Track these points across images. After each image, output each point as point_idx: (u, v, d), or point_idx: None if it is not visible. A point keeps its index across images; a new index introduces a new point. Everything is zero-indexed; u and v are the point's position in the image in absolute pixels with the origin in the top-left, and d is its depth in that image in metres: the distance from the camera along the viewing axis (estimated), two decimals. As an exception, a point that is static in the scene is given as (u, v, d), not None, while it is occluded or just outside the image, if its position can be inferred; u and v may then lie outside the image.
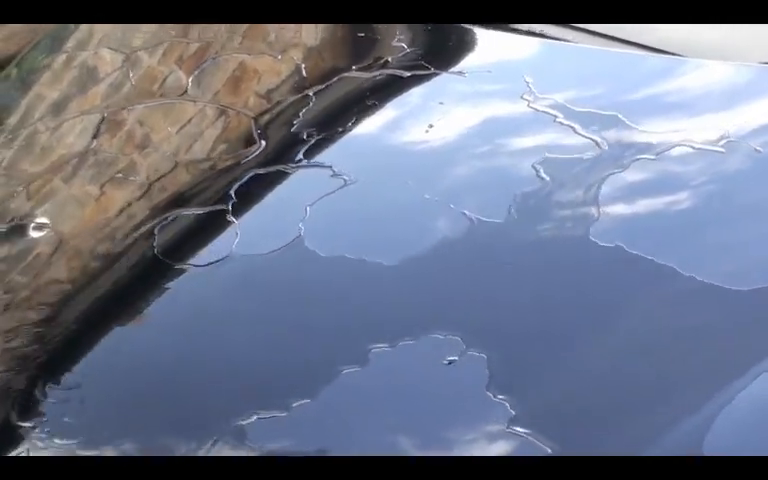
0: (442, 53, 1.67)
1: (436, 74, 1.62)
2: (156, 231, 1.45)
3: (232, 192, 1.48)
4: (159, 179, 1.59)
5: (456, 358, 1.17)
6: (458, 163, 1.48)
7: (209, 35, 1.83)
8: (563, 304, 1.24)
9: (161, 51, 1.83)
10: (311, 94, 1.62)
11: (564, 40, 1.65)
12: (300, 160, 1.51)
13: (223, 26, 1.82)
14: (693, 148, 1.39)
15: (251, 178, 1.50)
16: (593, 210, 1.32)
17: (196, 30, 1.85)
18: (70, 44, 1.89)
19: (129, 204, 1.56)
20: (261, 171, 1.51)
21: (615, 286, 1.25)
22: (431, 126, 1.52)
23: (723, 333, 1.17)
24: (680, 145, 1.40)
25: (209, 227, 1.47)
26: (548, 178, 1.37)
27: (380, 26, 1.74)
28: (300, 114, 1.60)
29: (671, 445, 1.05)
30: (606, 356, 1.16)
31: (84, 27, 1.89)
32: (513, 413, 1.10)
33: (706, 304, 1.19)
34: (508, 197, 1.38)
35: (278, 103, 1.66)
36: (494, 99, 1.57)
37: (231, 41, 1.82)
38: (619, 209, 1.35)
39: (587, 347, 1.18)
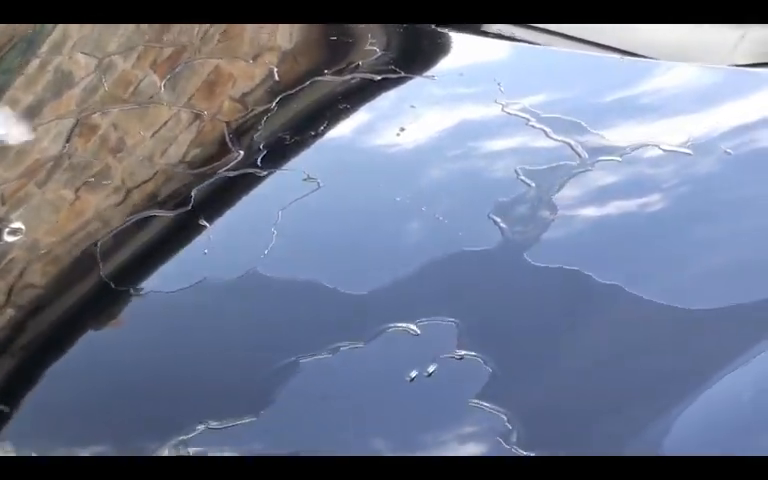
0: (414, 57, 1.68)
1: (408, 78, 1.62)
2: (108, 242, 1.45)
3: (204, 196, 1.48)
4: (134, 183, 1.59)
5: (416, 373, 1.17)
6: (430, 166, 1.48)
7: (183, 39, 1.84)
8: (523, 311, 1.25)
9: (135, 55, 1.83)
10: (281, 99, 1.62)
11: (535, 43, 1.66)
12: (272, 164, 1.51)
13: (197, 30, 1.82)
14: (663, 150, 1.40)
15: (224, 182, 1.51)
16: (563, 213, 1.33)
17: (170, 34, 1.85)
18: (44, 48, 1.89)
19: (104, 208, 1.56)
20: (232, 174, 1.52)
21: (579, 293, 1.26)
22: (402, 129, 1.52)
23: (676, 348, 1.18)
24: (647, 145, 1.41)
25: (182, 231, 1.47)
26: (532, 184, 1.37)
27: (353, 30, 1.74)
28: (272, 118, 1.60)
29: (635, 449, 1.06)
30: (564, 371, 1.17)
31: (58, 31, 1.89)
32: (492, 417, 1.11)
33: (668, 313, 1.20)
34: (480, 200, 1.39)
35: (251, 107, 1.66)
36: (465, 102, 1.57)
37: (206, 45, 1.82)
38: (590, 212, 1.35)
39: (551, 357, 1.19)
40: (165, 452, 1.14)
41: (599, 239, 1.32)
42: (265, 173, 1.50)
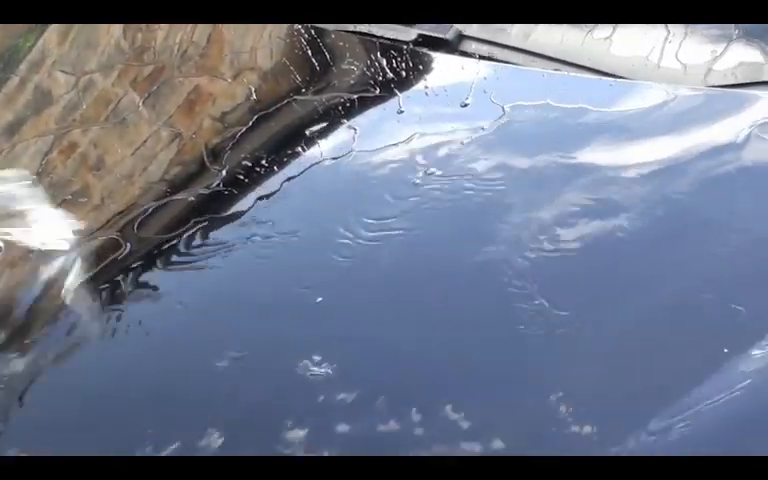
0: (392, 75, 1.67)
1: (384, 97, 1.63)
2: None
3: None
4: (113, 201, 1.59)
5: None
6: (409, 187, 1.48)
7: (164, 57, 1.84)
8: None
9: (115, 73, 1.84)
10: (258, 118, 1.63)
11: (512, 63, 1.67)
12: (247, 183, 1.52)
13: (177, 49, 1.83)
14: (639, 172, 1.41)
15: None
16: (538, 236, 1.34)
17: (151, 52, 1.86)
18: (23, 66, 1.90)
19: (82, 226, 1.55)
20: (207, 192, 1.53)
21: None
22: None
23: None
24: (625, 167, 1.42)
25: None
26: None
27: (331, 49, 1.75)
28: (249, 138, 1.61)
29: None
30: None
31: (37, 49, 1.90)
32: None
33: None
34: (459, 221, 1.40)
35: (229, 126, 1.67)
36: (442, 121, 1.57)
37: (185, 64, 1.83)
38: (564, 233, 1.36)
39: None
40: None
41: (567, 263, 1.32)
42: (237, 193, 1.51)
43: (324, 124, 1.60)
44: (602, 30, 1.65)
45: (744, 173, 1.41)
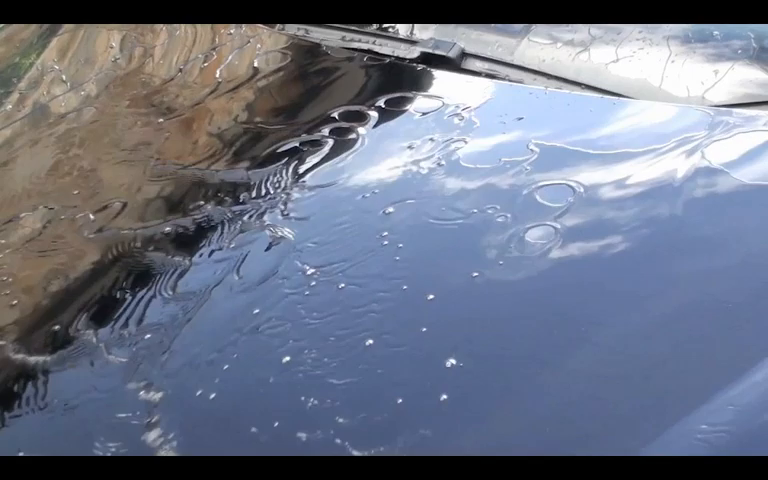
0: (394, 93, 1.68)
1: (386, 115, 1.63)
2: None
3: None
4: (110, 220, 1.58)
5: None
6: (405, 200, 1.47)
7: (162, 71, 1.84)
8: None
9: (114, 88, 1.83)
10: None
11: (516, 81, 1.67)
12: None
13: (175, 64, 1.83)
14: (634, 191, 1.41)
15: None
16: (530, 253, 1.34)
17: (150, 66, 1.86)
18: (22, 84, 1.89)
19: (80, 245, 1.54)
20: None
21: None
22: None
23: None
24: (627, 186, 1.42)
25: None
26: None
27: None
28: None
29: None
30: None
31: (36, 66, 1.89)
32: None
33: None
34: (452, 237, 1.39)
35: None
36: (441, 139, 1.57)
37: (188, 76, 1.83)
38: (556, 254, 1.35)
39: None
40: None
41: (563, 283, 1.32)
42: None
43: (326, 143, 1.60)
44: (605, 49, 1.65)
45: (744, 191, 1.41)
